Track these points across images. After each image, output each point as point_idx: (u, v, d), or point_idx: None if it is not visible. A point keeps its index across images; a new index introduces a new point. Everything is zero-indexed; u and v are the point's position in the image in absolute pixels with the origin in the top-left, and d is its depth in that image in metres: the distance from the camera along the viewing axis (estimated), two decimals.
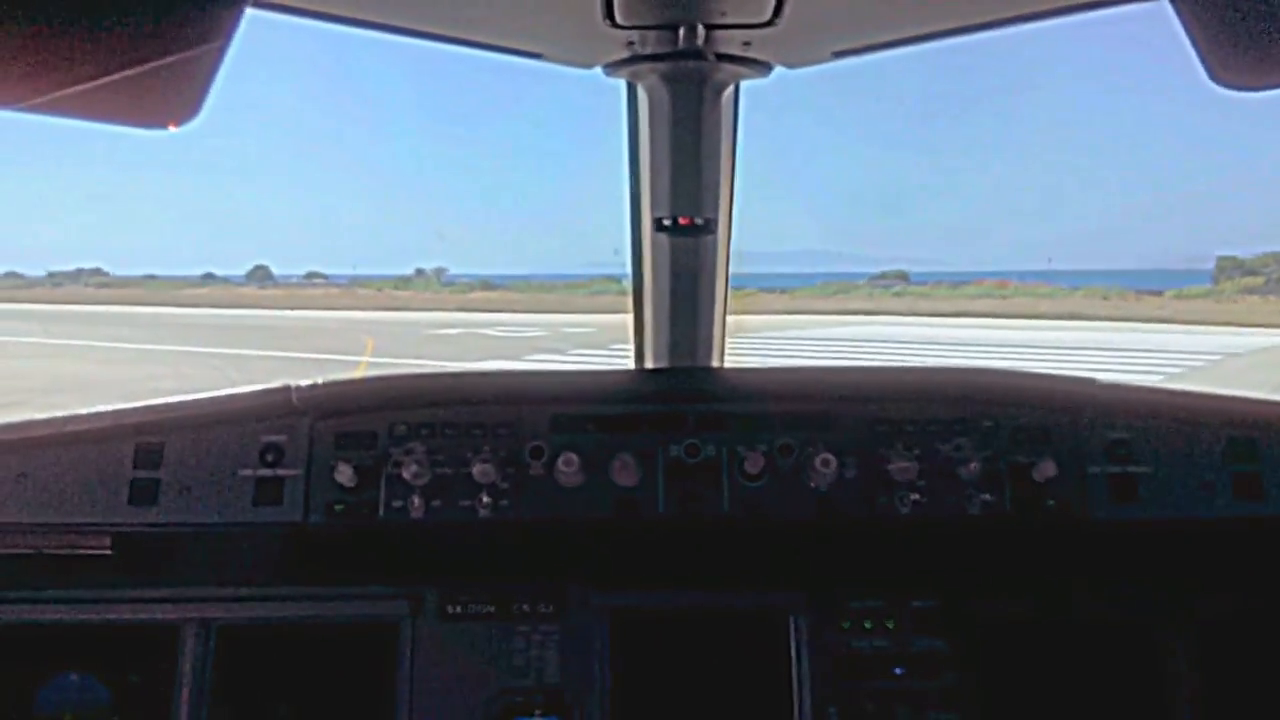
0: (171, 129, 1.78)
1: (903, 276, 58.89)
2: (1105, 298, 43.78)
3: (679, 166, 2.50)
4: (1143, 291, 45.04)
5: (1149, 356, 22.68)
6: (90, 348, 24.63)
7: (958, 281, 55.56)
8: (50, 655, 2.52)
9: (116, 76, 1.56)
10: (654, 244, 2.62)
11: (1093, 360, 21.24)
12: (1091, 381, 2.46)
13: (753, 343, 25.74)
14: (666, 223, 2.53)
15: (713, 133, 2.48)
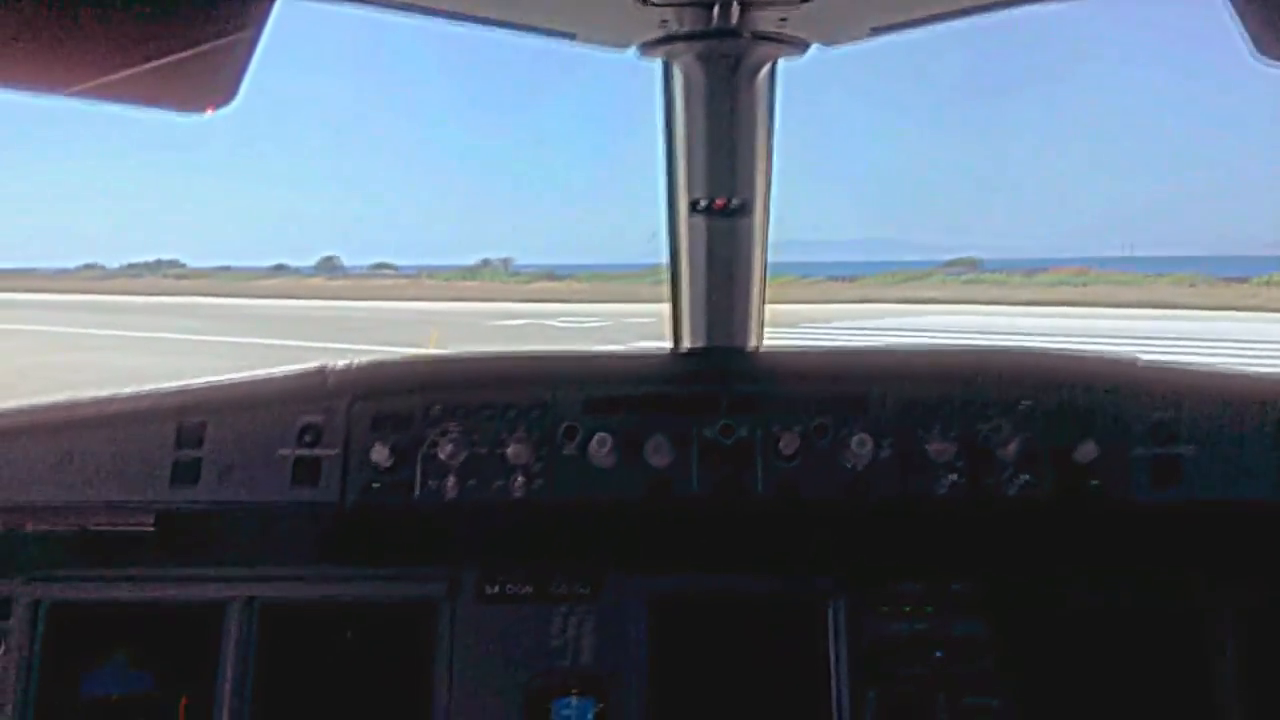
0: (209, 113, 1.86)
1: (973, 264, 56.78)
2: (1192, 284, 41.79)
3: (715, 148, 2.48)
4: (1228, 279, 42.99)
5: (1248, 347, 21.52)
6: (155, 339, 25.10)
7: (1032, 268, 53.24)
8: (97, 634, 2.58)
9: (156, 63, 1.63)
10: (690, 226, 2.61)
11: (1189, 350, 20.01)
12: (1133, 362, 2.41)
13: (826, 331, 25.46)
14: (702, 204, 2.52)
15: (749, 113, 2.45)
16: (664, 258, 2.77)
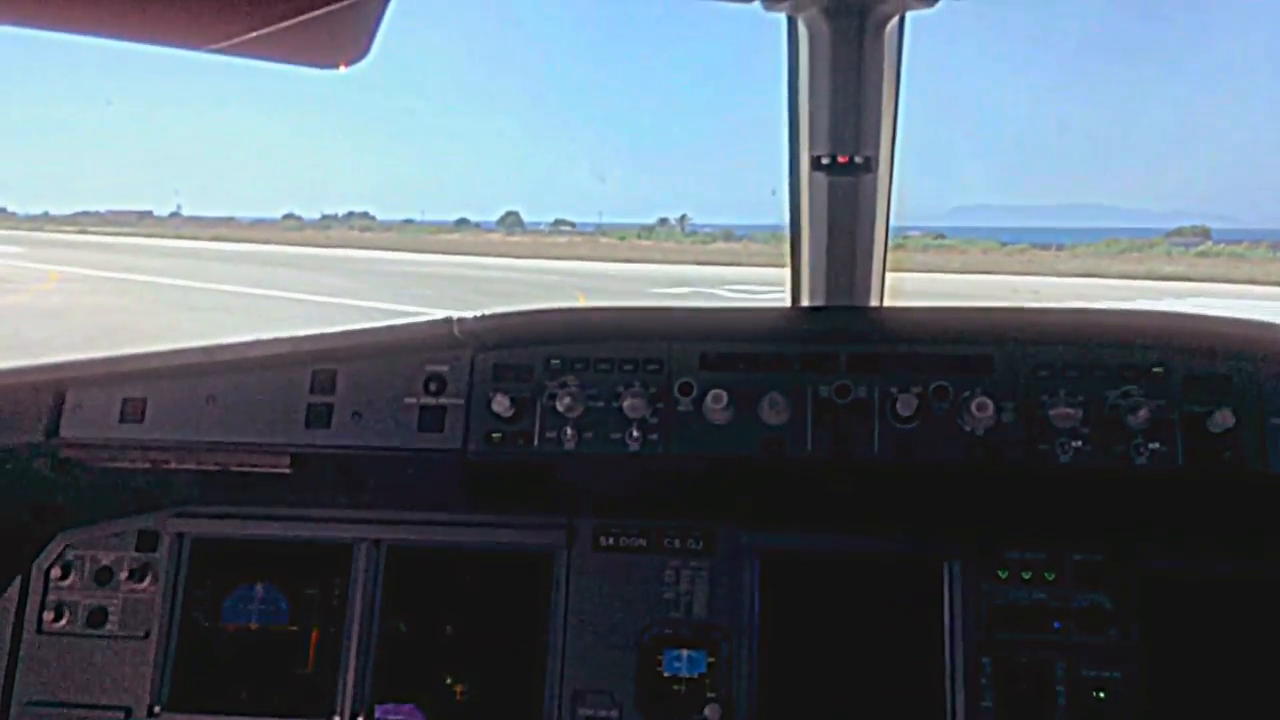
0: (342, 69, 1.88)
1: (1204, 233, 48.12)
2: None
3: (839, 103, 2.42)
4: None
5: None
6: (291, 300, 22.91)
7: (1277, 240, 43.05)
8: (237, 567, 2.75)
9: (292, 20, 1.63)
10: (812, 182, 2.55)
11: None
12: (1275, 326, 2.27)
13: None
14: (825, 161, 2.46)
15: (874, 67, 2.38)
16: (785, 215, 2.72)
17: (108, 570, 2.78)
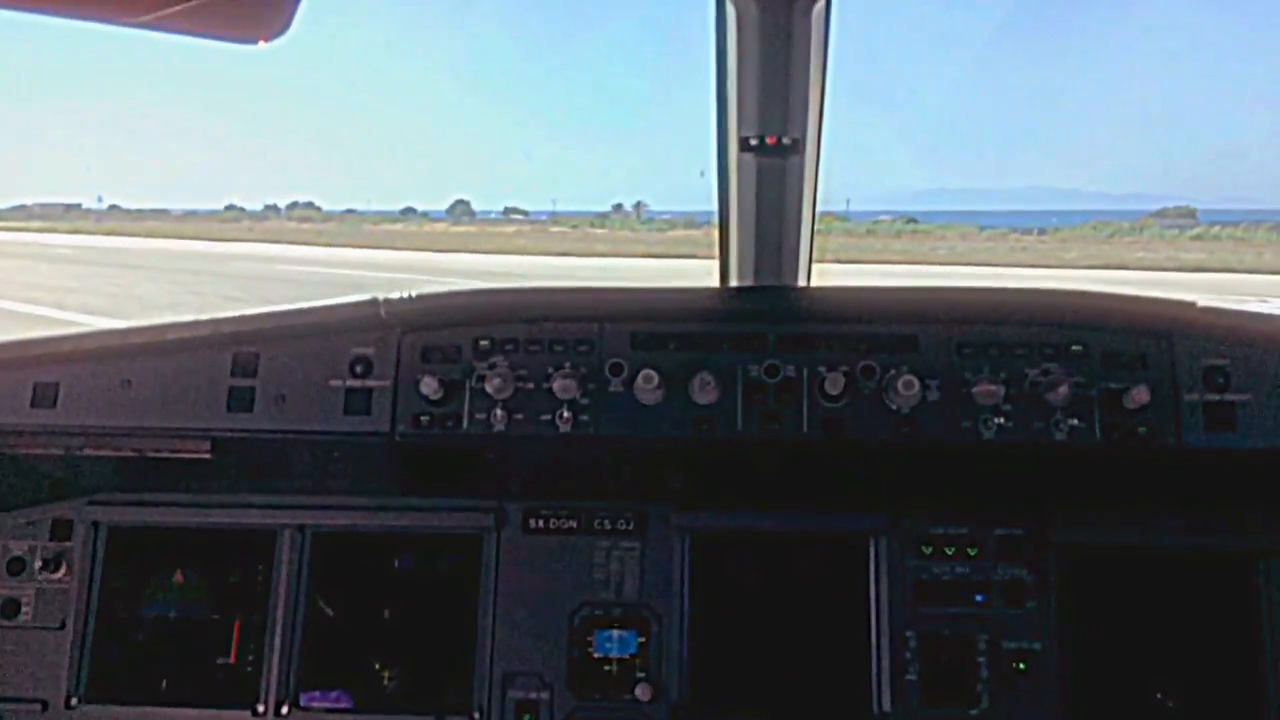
0: (262, 44, 1.81)
1: (1189, 214, 45.67)
2: None
3: (766, 85, 2.41)
4: None
5: None
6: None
7: (1257, 220, 38.06)
8: (156, 555, 2.70)
9: None
10: (740, 163, 2.55)
11: None
12: (1192, 305, 2.33)
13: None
14: (753, 142, 2.46)
15: (802, 49, 2.38)
16: (713, 195, 2.71)
17: (20, 560, 2.70)
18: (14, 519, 2.72)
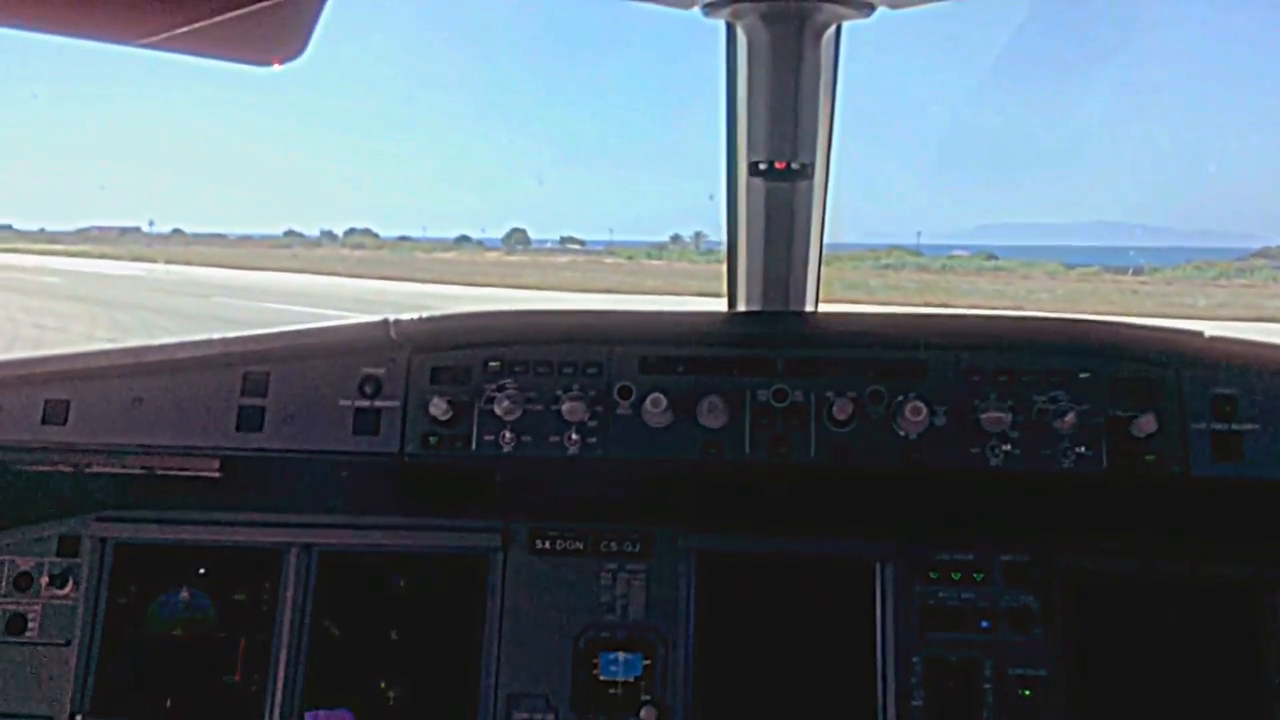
0: (276, 67, 1.84)
1: None
2: None
3: (776, 110, 2.43)
4: None
5: None
6: None
7: None
8: (162, 573, 2.70)
9: (225, 16, 1.60)
10: (749, 188, 2.57)
11: None
12: (1200, 334, 2.35)
13: None
14: (762, 167, 2.48)
15: (812, 76, 2.40)
16: (721, 219, 2.73)
17: (27, 576, 2.71)
18: (22, 535, 2.73)
